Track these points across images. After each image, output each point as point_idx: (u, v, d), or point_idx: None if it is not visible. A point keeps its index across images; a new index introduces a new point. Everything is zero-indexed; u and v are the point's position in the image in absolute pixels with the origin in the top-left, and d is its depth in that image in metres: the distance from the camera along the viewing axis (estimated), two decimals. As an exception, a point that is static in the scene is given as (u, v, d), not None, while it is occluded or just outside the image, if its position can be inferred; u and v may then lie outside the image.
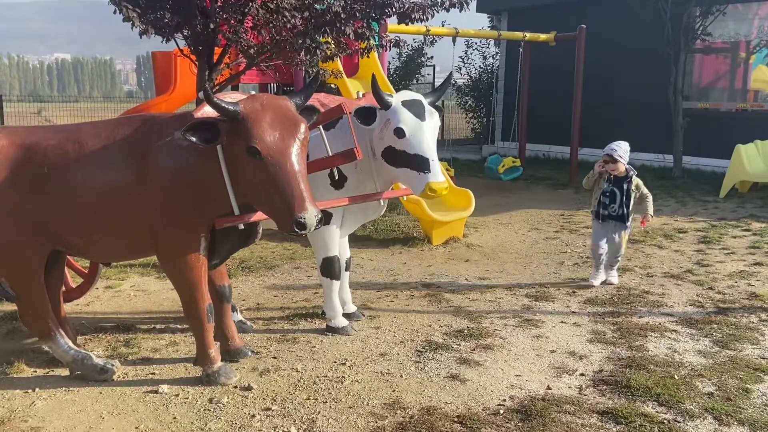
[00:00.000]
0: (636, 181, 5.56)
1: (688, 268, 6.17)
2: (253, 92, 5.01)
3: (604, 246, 5.65)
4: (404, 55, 16.85)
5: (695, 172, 11.91)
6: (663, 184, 10.97)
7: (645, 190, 5.62)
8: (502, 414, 3.39)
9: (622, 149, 5.44)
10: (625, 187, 5.52)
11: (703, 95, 13.27)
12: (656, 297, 5.34)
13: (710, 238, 7.32)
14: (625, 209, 5.52)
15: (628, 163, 5.52)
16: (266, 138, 3.17)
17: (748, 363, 4.00)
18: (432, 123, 4.14)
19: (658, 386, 3.65)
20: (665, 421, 3.30)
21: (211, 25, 5.42)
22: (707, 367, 3.95)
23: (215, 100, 3.18)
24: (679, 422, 3.30)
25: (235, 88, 9.37)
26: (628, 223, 5.60)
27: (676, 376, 3.81)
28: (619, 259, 5.75)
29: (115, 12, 5.24)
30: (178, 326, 4.63)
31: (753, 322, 4.74)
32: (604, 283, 5.69)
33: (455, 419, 3.34)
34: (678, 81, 11.40)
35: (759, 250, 6.83)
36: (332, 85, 9.12)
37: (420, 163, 4.03)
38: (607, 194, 5.58)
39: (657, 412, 3.41)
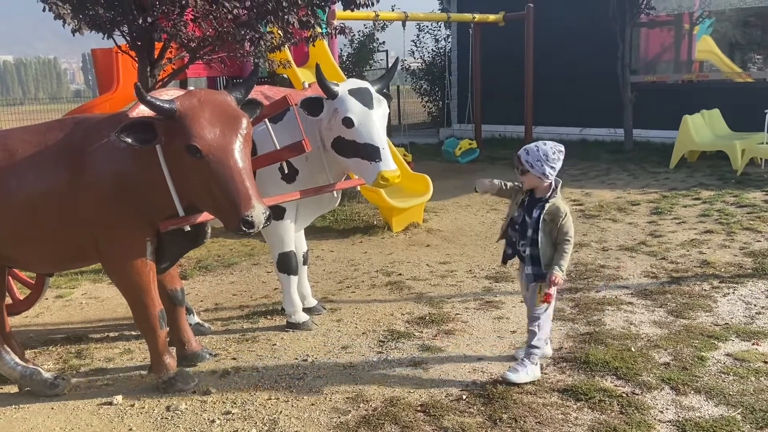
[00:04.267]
0: (554, 206, 3.46)
1: (641, 240, 6.29)
2: (192, 87, 4.86)
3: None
4: (356, 42, 16.68)
5: (645, 144, 12.16)
6: (615, 158, 11.18)
7: (567, 226, 3.45)
8: (464, 399, 3.39)
9: (536, 154, 3.43)
10: (535, 214, 3.49)
11: (650, 68, 13.52)
12: (612, 270, 5.43)
13: (662, 209, 7.48)
14: (530, 249, 3.51)
15: (555, 177, 3.49)
16: (206, 135, 3.06)
17: (702, 331, 4.10)
18: (380, 111, 4.08)
19: (616, 360, 3.71)
20: (624, 395, 3.35)
21: (149, 20, 5.23)
22: (663, 338, 4.02)
23: (149, 98, 3.05)
24: (637, 395, 3.36)
25: (184, 84, 9.13)
26: (544, 273, 3.48)
27: (633, 349, 3.87)
28: (536, 329, 3.56)
29: (44, 10, 5.01)
30: (133, 333, 4.49)
31: (705, 290, 4.86)
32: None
33: (418, 408, 3.32)
34: (625, 55, 11.58)
35: (709, 218, 7.01)
36: (284, 76, 8.95)
37: (370, 152, 3.98)
38: (517, 225, 3.60)
39: (615, 386, 3.46)
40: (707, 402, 3.27)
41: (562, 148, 3.51)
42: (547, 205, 3.48)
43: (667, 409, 3.22)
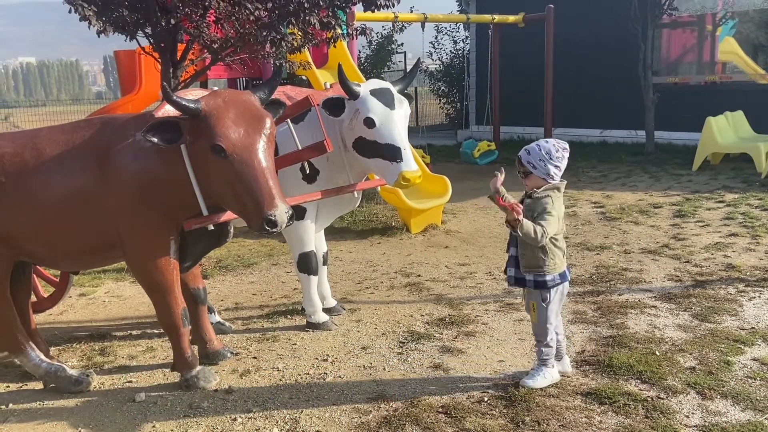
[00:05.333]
0: (534, 202, 3.30)
1: (664, 243, 6.21)
2: (215, 88, 4.89)
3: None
4: (374, 43, 16.70)
5: (667, 146, 12.02)
6: (637, 160, 11.07)
7: (544, 220, 3.20)
8: (486, 401, 3.37)
9: (538, 153, 3.25)
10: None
11: (672, 70, 13.36)
12: (635, 273, 5.36)
13: (685, 212, 7.38)
14: (513, 249, 3.39)
15: (560, 178, 3.32)
16: (230, 135, 3.08)
17: (728, 335, 4.03)
18: (402, 111, 4.08)
19: (640, 363, 3.66)
20: (649, 399, 3.31)
21: (173, 21, 5.29)
22: (688, 342, 3.97)
23: (175, 98, 3.08)
24: (662, 399, 3.31)
25: (204, 85, 9.21)
26: (529, 281, 3.34)
27: (657, 353, 3.82)
28: (543, 348, 3.43)
29: (70, 11, 5.08)
30: (155, 331, 4.53)
31: (731, 294, 4.78)
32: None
33: (439, 409, 3.30)
34: (647, 57, 11.46)
35: (733, 221, 6.90)
36: (303, 77, 8.99)
37: (392, 153, 3.97)
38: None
39: (640, 390, 3.41)
40: (734, 407, 3.21)
41: (567, 146, 3.32)
42: (528, 201, 3.30)
43: (693, 413, 3.17)
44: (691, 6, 12.80)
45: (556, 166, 3.27)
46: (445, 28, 18.20)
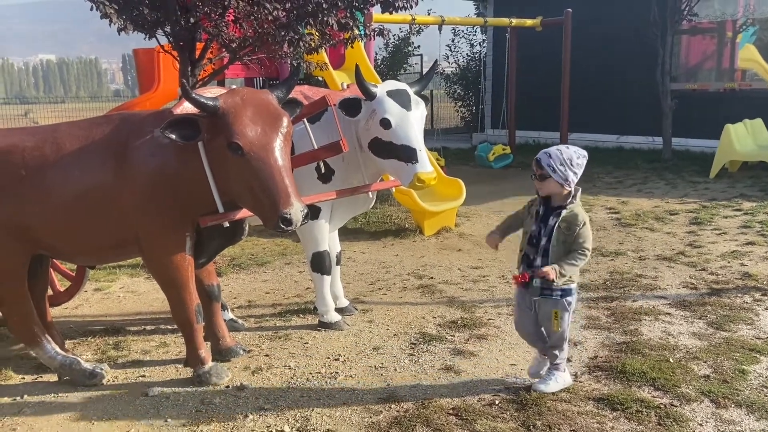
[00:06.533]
0: (571, 213, 3.23)
1: (680, 250, 6.15)
2: (233, 86, 4.93)
3: (531, 330, 3.50)
4: (391, 45, 16.73)
5: (685, 153, 11.92)
6: (653, 167, 10.98)
7: (584, 236, 3.21)
8: (497, 404, 3.36)
9: (560, 157, 3.19)
10: (551, 223, 3.26)
11: (691, 76, 13.25)
12: (649, 280, 5.32)
13: (701, 219, 7.31)
14: (541, 260, 3.28)
15: (576, 185, 3.26)
16: (248, 133, 3.11)
17: (743, 344, 3.99)
18: (418, 112, 4.08)
19: (654, 370, 3.63)
20: (662, 406, 3.28)
21: (192, 20, 5.33)
22: (702, 350, 3.93)
23: (193, 95, 3.11)
24: (675, 406, 3.28)
25: (222, 83, 9.27)
26: (556, 291, 3.28)
27: (671, 360, 3.79)
28: (557, 353, 3.43)
29: (92, 9, 5.14)
30: (169, 327, 4.57)
31: (747, 303, 4.73)
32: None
33: (450, 411, 3.30)
34: (665, 62, 11.37)
35: (750, 229, 6.83)
36: (319, 78, 9.03)
37: (407, 154, 3.98)
38: (534, 239, 3.33)
39: (653, 396, 3.39)
40: (748, 416, 3.18)
41: (586, 154, 3.29)
42: (564, 212, 3.23)
43: (706, 422, 3.14)
44: (712, 12, 12.70)
45: (575, 173, 3.23)
46: (462, 31, 18.21)
